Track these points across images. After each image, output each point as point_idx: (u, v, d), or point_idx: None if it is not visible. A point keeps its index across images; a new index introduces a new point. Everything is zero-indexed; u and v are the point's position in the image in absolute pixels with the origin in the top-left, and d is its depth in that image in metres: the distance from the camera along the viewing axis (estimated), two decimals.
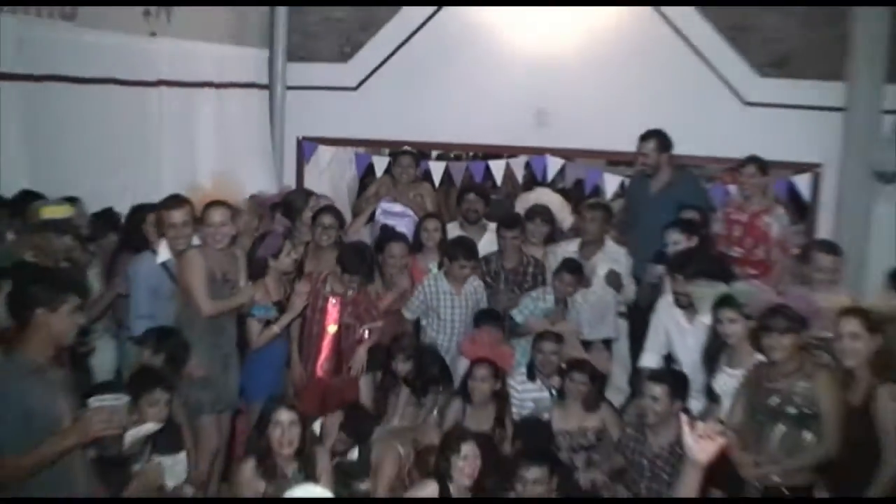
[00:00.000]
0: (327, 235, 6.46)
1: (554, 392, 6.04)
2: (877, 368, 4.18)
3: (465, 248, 6.54)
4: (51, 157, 6.08)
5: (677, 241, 6.10)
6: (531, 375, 6.17)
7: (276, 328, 5.80)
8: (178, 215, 5.52)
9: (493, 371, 5.64)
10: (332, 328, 6.05)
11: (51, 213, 5.24)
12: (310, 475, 4.51)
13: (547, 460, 4.80)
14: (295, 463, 4.57)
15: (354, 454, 5.41)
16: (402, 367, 5.94)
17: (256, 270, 5.82)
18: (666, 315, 5.86)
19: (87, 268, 5.73)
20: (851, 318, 4.23)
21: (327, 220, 6.53)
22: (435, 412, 5.99)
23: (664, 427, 5.22)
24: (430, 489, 4.64)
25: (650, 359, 5.93)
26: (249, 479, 4.51)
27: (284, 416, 4.53)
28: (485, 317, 6.32)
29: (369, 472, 5.27)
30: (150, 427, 3.97)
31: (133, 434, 3.88)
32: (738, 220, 6.68)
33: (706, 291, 5.14)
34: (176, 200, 5.65)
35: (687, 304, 5.62)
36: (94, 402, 3.66)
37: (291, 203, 7.09)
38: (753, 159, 6.67)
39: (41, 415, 3.57)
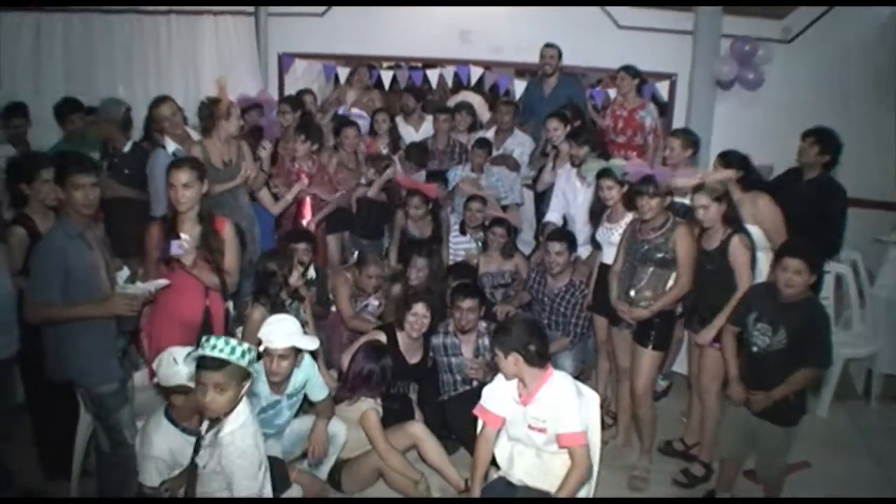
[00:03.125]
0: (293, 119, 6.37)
1: (479, 243, 5.99)
2: (727, 222, 4.19)
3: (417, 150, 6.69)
4: (87, 71, 6.18)
5: (556, 128, 6.03)
6: (463, 231, 6.10)
7: (289, 197, 5.63)
8: (165, 109, 5.26)
9: (423, 198, 5.81)
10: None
11: None
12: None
13: (477, 294, 4.75)
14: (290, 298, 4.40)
15: (312, 273, 5.19)
16: None
17: None
18: (564, 180, 5.73)
19: None
20: (701, 195, 4.18)
21: (284, 107, 6.50)
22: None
23: (562, 273, 5.24)
24: (380, 337, 4.57)
25: (553, 216, 5.77)
26: (259, 319, 4.07)
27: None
28: (432, 177, 6.42)
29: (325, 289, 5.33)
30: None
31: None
32: (620, 115, 6.53)
33: (592, 165, 5.02)
34: (161, 99, 5.36)
35: (579, 164, 5.45)
36: (121, 288, 3.48)
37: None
38: (625, 67, 6.50)
39: (77, 267, 3.41)
